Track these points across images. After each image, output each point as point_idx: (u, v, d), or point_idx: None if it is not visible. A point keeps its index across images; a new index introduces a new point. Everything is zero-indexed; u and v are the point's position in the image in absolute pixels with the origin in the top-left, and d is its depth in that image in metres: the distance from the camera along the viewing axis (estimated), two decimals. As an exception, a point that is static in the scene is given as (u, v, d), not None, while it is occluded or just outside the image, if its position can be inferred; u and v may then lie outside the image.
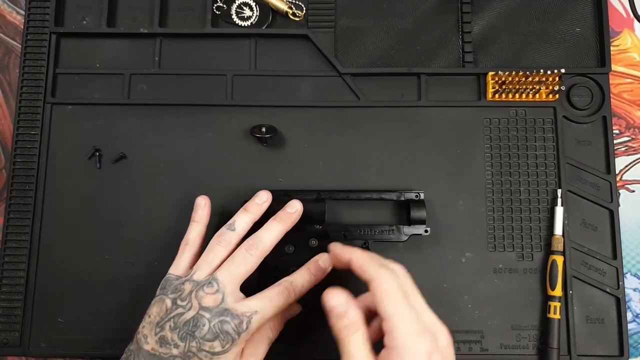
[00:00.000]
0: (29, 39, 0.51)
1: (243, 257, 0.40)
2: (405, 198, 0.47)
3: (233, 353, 0.37)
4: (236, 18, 0.52)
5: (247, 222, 0.42)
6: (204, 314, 0.37)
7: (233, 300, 0.38)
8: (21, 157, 0.49)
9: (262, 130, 0.47)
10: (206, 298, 0.37)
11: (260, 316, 0.38)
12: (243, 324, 0.37)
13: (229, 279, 0.39)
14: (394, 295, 0.33)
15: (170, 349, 0.37)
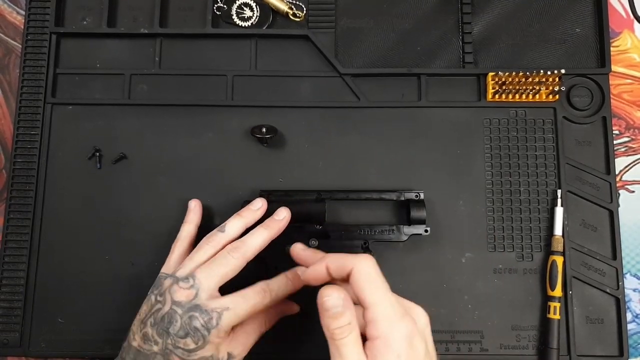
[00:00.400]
0: (29, 39, 0.51)
1: (224, 258, 0.40)
2: (405, 198, 0.47)
3: (208, 350, 0.37)
4: (236, 18, 0.52)
5: (239, 227, 0.42)
6: (177, 309, 0.37)
7: (206, 297, 0.38)
8: (21, 158, 0.49)
9: (262, 131, 0.47)
10: (179, 292, 0.38)
11: (232, 313, 0.37)
12: (212, 320, 0.37)
13: (207, 276, 0.38)
14: (374, 282, 0.33)
15: (152, 346, 0.37)
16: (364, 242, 0.46)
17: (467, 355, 0.46)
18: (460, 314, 0.47)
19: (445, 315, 0.47)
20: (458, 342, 0.47)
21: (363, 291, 0.33)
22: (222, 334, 0.37)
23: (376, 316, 0.32)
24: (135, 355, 0.38)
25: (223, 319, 0.37)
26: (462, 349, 0.47)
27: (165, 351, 0.37)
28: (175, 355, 0.37)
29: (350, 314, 0.33)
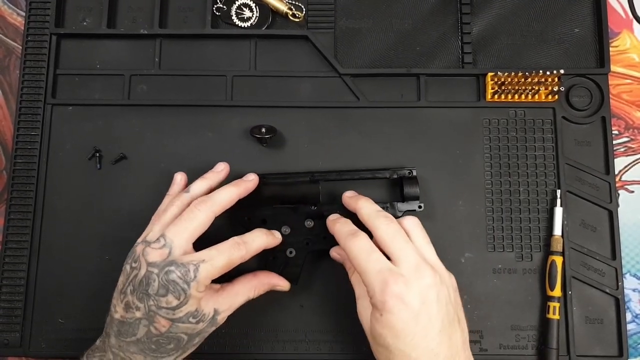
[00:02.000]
0: (29, 40, 0.51)
1: (191, 213, 0.39)
2: (398, 176, 0.47)
3: (191, 305, 0.37)
4: (236, 19, 0.52)
5: (203, 187, 0.43)
6: (153, 270, 0.37)
7: (180, 253, 0.38)
8: (21, 158, 0.49)
9: (262, 131, 0.47)
10: (152, 253, 0.37)
11: (209, 265, 0.37)
12: (190, 272, 0.37)
13: (176, 233, 0.38)
14: (358, 256, 0.38)
15: (134, 312, 0.37)
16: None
17: (466, 355, 0.46)
18: (459, 314, 0.47)
19: (444, 315, 0.47)
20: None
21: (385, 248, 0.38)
22: (201, 287, 0.37)
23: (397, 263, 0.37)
24: (118, 326, 0.38)
25: (200, 271, 0.37)
26: (461, 349, 0.46)
27: (149, 314, 0.37)
28: (159, 316, 0.37)
29: (349, 262, 0.40)
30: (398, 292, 0.35)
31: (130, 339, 0.37)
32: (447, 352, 0.36)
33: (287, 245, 0.45)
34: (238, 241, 0.40)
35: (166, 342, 0.38)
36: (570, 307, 0.47)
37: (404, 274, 0.36)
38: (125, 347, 0.38)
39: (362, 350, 0.46)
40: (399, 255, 0.37)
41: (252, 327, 0.47)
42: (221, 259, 0.38)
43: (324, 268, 0.48)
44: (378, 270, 0.36)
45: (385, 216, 0.40)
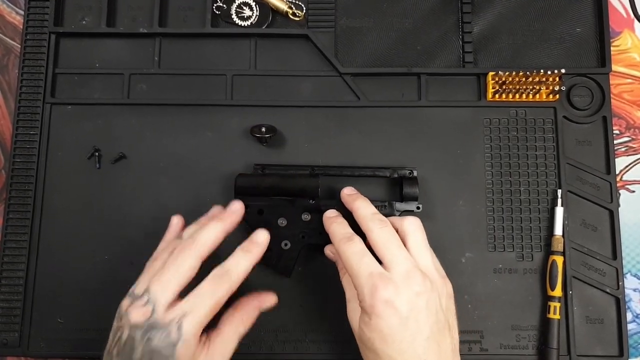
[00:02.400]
0: (28, 39, 0.51)
1: (175, 261, 0.36)
2: (398, 175, 0.47)
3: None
4: (236, 18, 0.52)
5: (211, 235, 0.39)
6: (135, 334, 0.34)
7: (164, 310, 0.34)
8: (20, 158, 0.49)
9: (262, 130, 0.47)
10: (134, 313, 0.34)
11: (193, 317, 0.34)
12: (172, 334, 0.33)
13: (161, 288, 0.35)
14: (350, 259, 0.37)
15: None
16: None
17: (467, 355, 0.46)
18: (460, 313, 0.46)
19: (445, 315, 0.47)
20: (458, 342, 0.47)
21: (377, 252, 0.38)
22: (191, 344, 0.34)
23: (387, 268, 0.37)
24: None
25: (184, 329, 0.34)
26: (462, 348, 0.46)
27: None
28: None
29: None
30: (387, 297, 0.35)
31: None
32: (435, 358, 0.36)
33: (283, 237, 0.45)
34: (220, 272, 0.36)
35: None
36: (571, 307, 0.47)
37: (394, 280, 0.36)
38: None
39: (362, 350, 0.46)
40: (390, 260, 0.37)
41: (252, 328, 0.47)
42: (205, 305, 0.35)
43: (324, 268, 0.48)
44: (369, 274, 0.36)
45: (381, 220, 0.39)
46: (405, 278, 0.36)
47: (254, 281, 0.47)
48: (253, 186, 0.46)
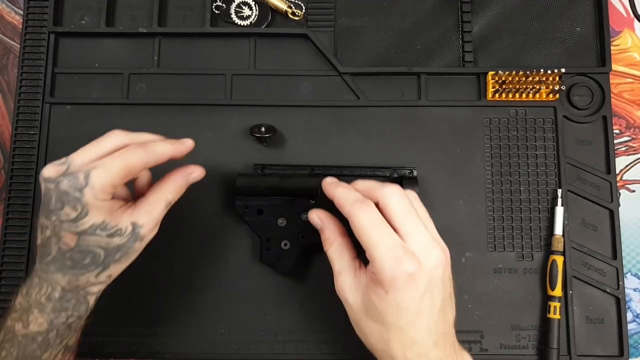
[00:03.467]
0: (27, 39, 0.51)
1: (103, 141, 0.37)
2: (398, 175, 0.47)
3: (95, 216, 0.35)
4: (235, 17, 0.52)
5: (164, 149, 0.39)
6: (49, 186, 0.35)
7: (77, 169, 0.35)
8: (20, 157, 0.49)
9: (261, 130, 0.47)
10: (47, 169, 0.36)
11: (102, 170, 0.35)
12: (79, 180, 0.35)
13: (79, 155, 0.36)
14: (368, 227, 0.35)
15: (45, 232, 0.36)
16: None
17: (467, 355, 0.46)
18: (460, 313, 0.46)
19: (445, 315, 0.47)
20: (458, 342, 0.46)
21: (358, 238, 0.36)
22: (99, 194, 0.35)
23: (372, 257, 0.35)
24: (40, 250, 0.37)
25: (92, 177, 0.35)
26: (462, 348, 0.46)
27: (55, 231, 0.35)
28: (63, 230, 0.35)
29: (329, 231, 0.39)
30: (412, 271, 0.34)
31: (47, 259, 0.36)
32: (442, 328, 0.36)
33: (283, 237, 0.45)
34: (132, 146, 0.37)
35: (80, 258, 0.36)
36: (571, 306, 0.47)
37: (415, 253, 0.35)
38: (46, 268, 0.36)
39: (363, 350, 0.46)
40: (409, 230, 0.35)
41: (252, 328, 0.47)
42: (116, 163, 0.35)
43: (324, 267, 0.47)
44: (390, 246, 0.34)
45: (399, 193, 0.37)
46: (425, 250, 0.35)
47: (254, 281, 0.48)
48: (253, 186, 0.46)
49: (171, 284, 0.47)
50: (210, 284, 0.48)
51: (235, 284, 0.48)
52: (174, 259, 0.48)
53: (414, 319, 0.35)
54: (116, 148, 0.37)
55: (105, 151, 0.37)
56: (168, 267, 0.47)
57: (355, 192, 0.38)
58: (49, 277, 0.36)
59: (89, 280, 0.37)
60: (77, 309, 0.37)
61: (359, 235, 0.36)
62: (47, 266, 0.36)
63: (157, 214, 0.38)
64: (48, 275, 0.36)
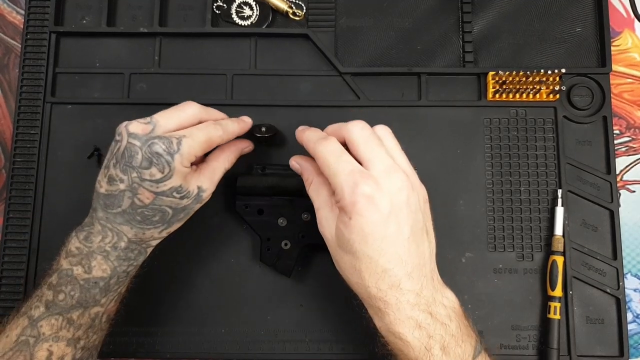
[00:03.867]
0: (28, 39, 0.51)
1: (181, 108, 0.40)
2: None
3: (176, 180, 0.38)
4: (236, 17, 0.52)
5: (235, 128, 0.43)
6: (134, 142, 0.37)
7: (162, 132, 0.38)
8: (21, 157, 0.49)
9: (262, 130, 0.47)
10: (133, 125, 0.37)
11: (191, 139, 0.38)
12: (173, 145, 0.37)
13: (164, 118, 0.38)
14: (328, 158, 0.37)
15: (118, 185, 0.37)
16: None
17: (467, 355, 0.46)
18: (460, 313, 0.47)
19: (445, 315, 0.47)
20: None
21: (357, 153, 0.37)
22: (185, 161, 0.38)
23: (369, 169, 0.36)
24: (104, 199, 0.38)
25: (183, 145, 0.37)
26: (462, 349, 0.46)
27: (133, 186, 0.37)
28: (143, 188, 0.37)
29: (307, 172, 0.41)
30: (369, 192, 0.34)
31: (115, 210, 0.38)
32: (415, 260, 0.36)
33: (283, 237, 0.45)
34: (213, 122, 0.41)
35: (151, 215, 0.38)
36: (571, 307, 0.47)
37: (374, 176, 0.35)
38: (112, 219, 0.38)
39: (362, 350, 0.46)
40: (369, 157, 0.36)
41: (252, 327, 0.47)
42: (201, 135, 0.39)
43: (324, 267, 0.48)
44: (349, 171, 0.35)
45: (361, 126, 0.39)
46: (386, 174, 0.36)
47: (254, 281, 0.48)
48: (253, 186, 0.46)
49: (171, 284, 0.47)
50: (210, 284, 0.48)
51: (235, 284, 0.48)
52: (174, 259, 0.48)
53: (380, 244, 0.35)
54: (194, 119, 0.40)
55: (186, 120, 0.39)
56: (168, 267, 0.47)
57: (321, 132, 0.40)
58: (115, 228, 0.38)
59: (153, 235, 0.40)
60: (137, 259, 0.40)
61: (323, 169, 0.37)
62: (114, 217, 0.38)
63: (216, 179, 0.41)
64: (114, 225, 0.38)
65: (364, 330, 0.47)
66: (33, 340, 0.36)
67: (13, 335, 0.37)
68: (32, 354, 0.36)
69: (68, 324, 0.37)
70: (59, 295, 0.37)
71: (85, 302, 0.38)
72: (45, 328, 0.37)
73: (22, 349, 0.36)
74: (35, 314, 0.37)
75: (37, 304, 0.38)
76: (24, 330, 0.37)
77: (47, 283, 0.38)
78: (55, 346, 0.37)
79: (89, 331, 0.39)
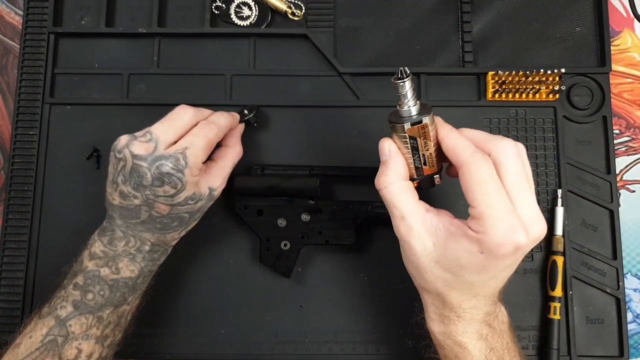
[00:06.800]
0: (27, 39, 0.51)
1: (175, 116, 0.40)
2: None
3: (189, 190, 0.39)
4: (235, 18, 0.52)
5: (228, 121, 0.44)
6: (141, 163, 0.37)
7: (164, 147, 0.38)
8: (20, 158, 0.49)
9: (245, 113, 0.47)
10: (136, 146, 0.38)
11: (194, 149, 0.39)
12: (180, 161, 0.38)
13: (163, 132, 0.39)
14: (485, 183, 0.33)
15: (132, 200, 0.38)
16: (356, 217, 0.46)
17: (466, 356, 0.46)
18: (460, 314, 0.47)
19: (445, 315, 0.47)
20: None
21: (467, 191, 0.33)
22: (195, 171, 0.39)
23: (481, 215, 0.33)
24: (120, 211, 0.39)
25: (189, 157, 0.38)
26: (461, 349, 0.46)
27: (148, 202, 0.38)
28: (158, 202, 0.38)
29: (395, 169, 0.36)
30: (522, 244, 0.32)
31: (134, 221, 0.39)
32: (499, 295, 0.37)
33: (282, 237, 0.45)
34: (205, 122, 0.41)
35: (170, 222, 0.40)
36: (571, 307, 0.47)
37: (525, 223, 0.33)
38: (132, 227, 0.40)
39: (362, 350, 0.46)
40: (520, 198, 0.33)
41: (252, 328, 0.47)
42: (201, 141, 0.39)
43: (323, 268, 0.48)
44: (507, 211, 0.32)
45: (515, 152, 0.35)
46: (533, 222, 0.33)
47: (254, 281, 0.48)
48: (253, 186, 0.46)
49: (171, 284, 0.47)
50: (210, 285, 0.48)
51: (235, 284, 0.48)
52: (174, 259, 0.47)
53: (489, 279, 0.35)
54: (190, 125, 0.41)
55: (183, 128, 0.40)
56: (168, 267, 0.47)
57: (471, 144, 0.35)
58: (137, 234, 0.40)
59: (174, 237, 0.42)
60: (160, 258, 0.42)
61: (470, 187, 0.33)
62: (134, 226, 0.40)
63: (226, 175, 0.43)
64: (135, 232, 0.40)
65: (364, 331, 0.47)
66: (62, 339, 0.38)
67: (38, 335, 0.38)
68: (60, 352, 0.37)
69: (98, 322, 0.39)
70: (87, 295, 0.39)
71: (115, 301, 0.39)
72: (75, 327, 0.38)
73: (50, 348, 0.37)
74: (62, 313, 0.38)
75: (64, 304, 0.39)
76: (50, 330, 0.38)
77: (72, 284, 0.39)
78: (85, 344, 0.38)
79: (116, 329, 0.40)
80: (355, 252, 0.48)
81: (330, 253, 0.48)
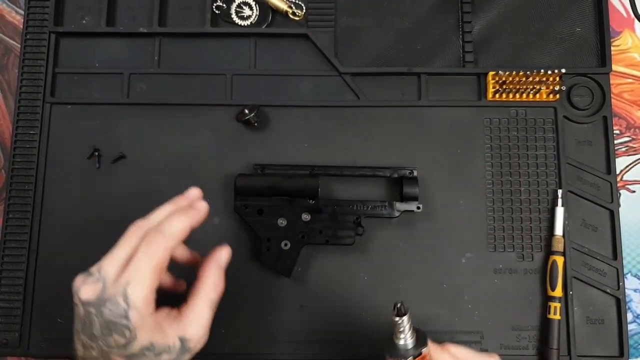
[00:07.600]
0: (28, 39, 0.51)
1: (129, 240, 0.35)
2: (398, 175, 0.47)
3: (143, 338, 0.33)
4: (236, 17, 0.52)
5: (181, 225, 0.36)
6: (90, 310, 0.33)
7: (112, 284, 0.33)
8: (20, 157, 0.49)
9: (245, 112, 0.47)
10: (84, 290, 0.33)
11: (136, 284, 0.33)
12: (121, 305, 0.32)
13: (111, 265, 0.34)
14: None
15: (91, 352, 0.34)
16: (357, 217, 0.46)
17: (467, 356, 0.46)
18: (460, 314, 0.47)
19: (445, 315, 0.47)
20: (458, 342, 0.46)
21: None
22: (143, 310, 0.33)
23: None
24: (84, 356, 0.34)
25: (130, 296, 0.32)
26: (462, 349, 0.46)
27: (104, 353, 0.33)
28: (113, 355, 0.33)
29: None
30: None
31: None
32: None
33: (283, 237, 0.45)
34: (151, 236, 0.34)
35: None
36: (571, 307, 0.47)
37: None
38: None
39: (361, 351, 0.46)
40: None
41: (252, 328, 0.47)
42: (145, 270, 0.33)
43: (323, 268, 0.48)
44: None
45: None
46: None
47: (254, 281, 0.48)
48: (253, 186, 0.46)
49: (171, 283, 0.47)
50: (210, 284, 0.47)
51: (235, 284, 0.47)
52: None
53: None
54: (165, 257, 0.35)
55: (130, 253, 0.34)
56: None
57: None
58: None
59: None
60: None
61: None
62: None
63: (205, 321, 0.35)
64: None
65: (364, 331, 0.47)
66: None
67: None
68: None
69: None
70: None
71: None
72: None
73: None
74: None
75: None
76: None
77: None
78: None
79: None
80: (355, 252, 0.48)
81: (330, 253, 0.48)
